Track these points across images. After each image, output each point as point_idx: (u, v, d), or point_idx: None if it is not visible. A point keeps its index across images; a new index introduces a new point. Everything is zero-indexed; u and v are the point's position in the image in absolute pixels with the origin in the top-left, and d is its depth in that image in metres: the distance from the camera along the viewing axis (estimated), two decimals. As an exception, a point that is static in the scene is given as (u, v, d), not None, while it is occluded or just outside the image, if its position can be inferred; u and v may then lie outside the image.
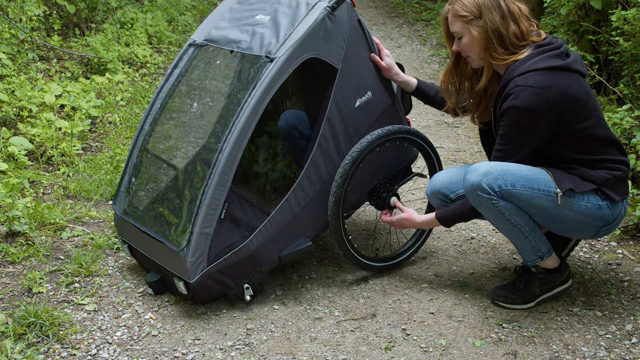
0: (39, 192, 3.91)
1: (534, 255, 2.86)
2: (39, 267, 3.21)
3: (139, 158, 3.16)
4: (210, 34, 3.17)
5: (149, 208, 3.06)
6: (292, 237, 2.98)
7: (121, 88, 5.53)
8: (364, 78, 3.06)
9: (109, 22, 6.62)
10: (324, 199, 3.02)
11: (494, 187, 2.68)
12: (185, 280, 2.80)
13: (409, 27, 7.78)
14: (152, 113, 3.20)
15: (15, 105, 4.54)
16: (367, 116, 3.09)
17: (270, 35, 2.93)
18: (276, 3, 3.09)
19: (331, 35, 2.92)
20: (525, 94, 2.59)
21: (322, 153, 2.98)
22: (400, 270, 3.24)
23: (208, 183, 2.75)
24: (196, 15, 8.17)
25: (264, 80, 2.80)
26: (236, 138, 2.76)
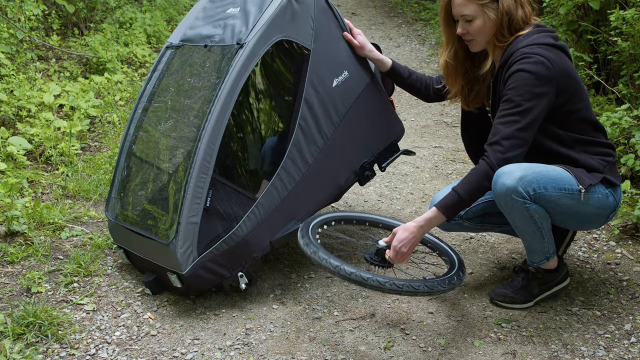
0: (38, 191, 3.91)
1: (542, 257, 2.85)
2: (38, 267, 3.20)
3: (126, 163, 3.18)
4: (185, 34, 3.20)
5: (138, 209, 3.07)
6: (282, 222, 2.99)
7: (120, 88, 5.52)
8: (338, 57, 3.09)
9: (108, 22, 6.62)
10: (311, 182, 3.03)
11: (529, 191, 2.64)
12: (178, 273, 2.81)
13: (408, 26, 7.78)
14: (136, 118, 3.22)
15: (14, 105, 4.54)
16: (346, 95, 3.11)
17: (241, 25, 2.96)
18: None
19: (298, 16, 2.95)
20: (532, 60, 2.61)
21: (303, 135, 3.00)
22: (397, 272, 3.23)
23: (190, 172, 2.78)
24: (195, 15, 8.17)
25: (235, 66, 2.83)
26: (213, 125, 2.79)
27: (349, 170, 3.21)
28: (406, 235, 2.66)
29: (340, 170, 3.16)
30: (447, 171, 4.30)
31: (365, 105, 3.17)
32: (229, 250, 2.87)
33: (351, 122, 3.13)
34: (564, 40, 5.21)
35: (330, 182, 3.15)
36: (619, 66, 4.70)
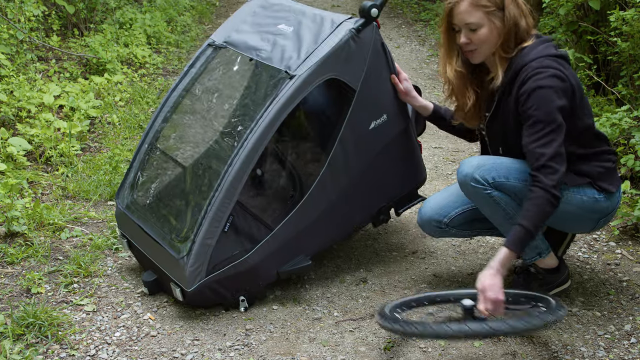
0: (38, 192, 3.91)
1: (533, 252, 2.86)
2: (38, 268, 3.20)
3: (147, 154, 3.13)
4: (230, 37, 3.13)
5: (152, 208, 3.04)
6: (292, 254, 2.95)
7: (120, 88, 5.52)
8: (380, 100, 3.01)
9: (108, 23, 6.62)
10: (328, 219, 2.99)
11: (487, 178, 2.67)
12: (182, 287, 2.80)
13: (408, 27, 7.78)
14: (164, 111, 3.15)
15: (14, 106, 4.54)
16: (379, 139, 3.04)
17: (292, 49, 2.89)
18: (300, 15, 3.05)
19: (354, 57, 2.87)
20: (547, 74, 2.56)
21: (331, 173, 2.94)
22: (399, 270, 3.24)
23: (215, 195, 2.72)
24: (195, 15, 8.17)
25: (281, 97, 2.76)
26: (248, 152, 2.73)
27: (366, 213, 3.16)
28: (494, 282, 2.48)
29: (358, 212, 3.11)
30: (447, 172, 4.30)
31: (395, 150, 3.10)
32: (236, 275, 2.83)
33: (378, 166, 3.07)
34: (564, 42, 5.21)
35: (346, 222, 3.10)
36: (618, 67, 4.70)
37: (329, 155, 2.92)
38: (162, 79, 5.99)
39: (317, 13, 3.04)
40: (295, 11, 3.10)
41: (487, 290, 2.48)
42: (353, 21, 2.88)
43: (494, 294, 2.47)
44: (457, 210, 2.95)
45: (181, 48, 6.96)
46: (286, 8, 3.16)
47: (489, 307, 2.48)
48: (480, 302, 2.49)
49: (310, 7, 3.14)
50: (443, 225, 2.97)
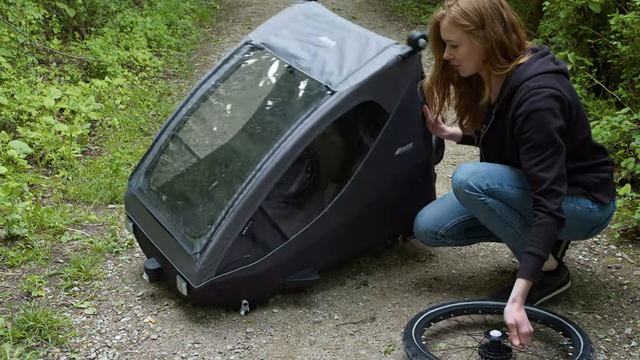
0: (39, 195, 3.91)
1: None
2: (38, 271, 3.20)
3: (167, 142, 3.12)
4: (269, 39, 3.12)
5: (167, 197, 3.01)
6: (300, 265, 2.95)
7: (120, 92, 5.53)
8: (410, 128, 3.01)
9: (109, 26, 6.62)
10: (341, 236, 3.00)
11: (481, 185, 2.68)
12: (188, 283, 2.79)
13: (408, 30, 7.78)
14: (192, 101, 3.14)
15: (15, 109, 4.54)
16: (402, 166, 3.04)
17: (333, 64, 2.88)
18: (344, 30, 3.05)
19: (394, 83, 2.87)
20: (544, 95, 2.53)
21: (351, 193, 2.94)
22: (399, 273, 3.23)
23: (239, 198, 2.71)
24: (195, 19, 8.18)
25: (320, 111, 2.75)
26: (278, 162, 2.72)
27: (376, 235, 3.17)
28: (523, 315, 2.50)
29: (369, 233, 3.12)
30: (447, 175, 4.30)
31: (413, 179, 3.11)
32: (244, 278, 2.81)
33: (395, 192, 3.07)
34: (564, 45, 5.21)
35: (356, 242, 3.11)
36: (619, 70, 4.70)
37: (353, 175, 2.93)
38: (162, 82, 5.99)
39: (362, 32, 3.05)
40: (339, 26, 3.10)
41: (521, 325, 2.48)
42: (399, 48, 2.88)
43: (527, 327, 2.48)
44: (452, 221, 2.95)
45: (182, 51, 6.96)
46: (329, 20, 3.15)
47: (525, 341, 2.49)
48: (514, 336, 2.48)
49: (354, 24, 3.14)
50: (439, 236, 2.98)
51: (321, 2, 3.42)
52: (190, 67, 6.56)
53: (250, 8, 9.01)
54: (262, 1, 9.37)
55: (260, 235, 2.83)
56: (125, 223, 3.19)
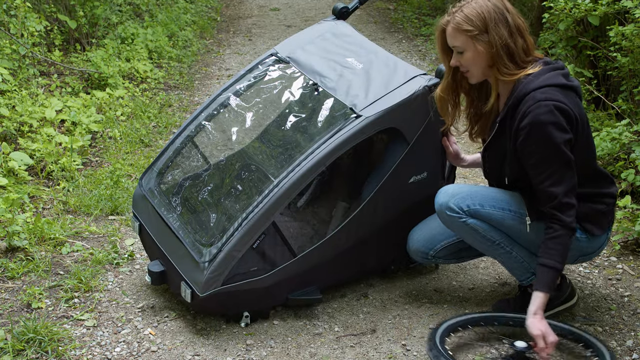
0: (39, 207, 3.91)
1: (527, 273, 2.83)
2: (39, 283, 3.20)
3: (183, 146, 3.11)
4: (294, 53, 3.13)
5: (178, 201, 3.01)
6: (305, 283, 2.95)
7: (121, 103, 5.54)
8: (426, 158, 3.02)
9: (110, 38, 6.65)
10: (347, 257, 3.00)
11: (462, 206, 2.69)
12: (193, 290, 2.78)
13: (408, 42, 7.81)
14: (211, 107, 3.14)
15: (16, 121, 4.55)
16: (414, 194, 3.04)
17: (359, 87, 2.89)
18: (372, 54, 3.06)
19: (418, 112, 2.88)
20: (549, 109, 2.49)
21: (363, 216, 2.95)
22: (400, 285, 3.23)
23: (254, 211, 2.71)
24: (196, 30, 8.21)
25: (344, 133, 2.76)
26: (297, 179, 2.73)
27: (381, 260, 3.17)
28: (546, 326, 2.51)
29: (374, 257, 3.13)
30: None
31: (423, 208, 3.09)
32: (249, 291, 2.81)
33: (405, 219, 3.07)
34: (564, 57, 5.23)
35: (361, 264, 3.11)
36: (618, 81, 4.72)
37: (367, 199, 2.94)
38: (163, 94, 6.01)
39: (390, 57, 3.05)
40: (367, 48, 3.11)
41: (547, 335, 2.49)
42: (427, 78, 2.89)
43: (553, 337, 2.49)
44: (442, 243, 2.95)
45: (182, 63, 6.98)
46: (358, 42, 3.16)
47: (552, 351, 2.50)
48: (542, 347, 2.48)
49: (381, 49, 3.14)
50: (429, 257, 2.99)
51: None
52: (191, 78, 6.58)
53: (251, 20, 9.04)
54: (263, 13, 9.41)
55: (270, 249, 2.83)
56: (131, 222, 3.17)
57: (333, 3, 9.63)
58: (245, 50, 7.59)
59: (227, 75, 6.72)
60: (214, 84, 6.46)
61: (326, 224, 3.16)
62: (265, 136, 3.12)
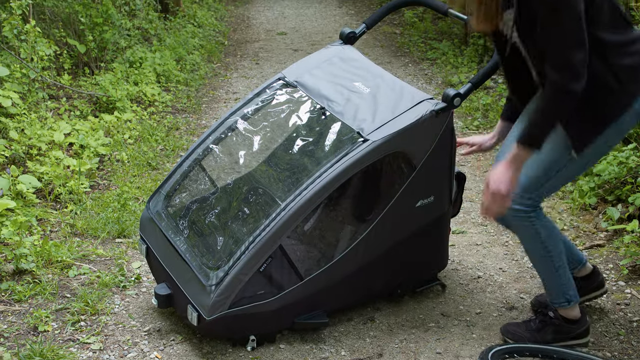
0: (47, 230, 3.92)
1: (561, 297, 2.82)
2: (45, 306, 3.20)
3: (190, 169, 3.13)
4: (302, 77, 3.16)
5: (185, 224, 3.02)
6: (312, 307, 2.94)
7: (129, 126, 5.58)
8: (433, 182, 3.03)
9: (118, 62, 6.71)
10: (352, 281, 3.00)
11: (524, 200, 2.62)
12: (200, 313, 2.77)
13: (415, 66, 7.85)
14: (219, 130, 3.16)
15: (25, 144, 4.58)
16: (420, 218, 3.05)
17: (366, 111, 2.91)
18: (379, 78, 3.08)
19: (425, 137, 2.90)
20: None
21: (369, 240, 2.95)
22: (406, 309, 3.22)
23: (261, 234, 2.71)
24: (204, 54, 8.28)
25: (351, 158, 2.77)
26: (304, 203, 2.73)
27: (387, 284, 3.16)
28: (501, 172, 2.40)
29: (380, 281, 3.12)
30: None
31: (429, 232, 3.12)
32: (255, 314, 2.80)
33: (411, 243, 3.08)
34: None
35: (367, 288, 3.10)
36: (625, 105, 4.72)
37: (373, 223, 2.94)
38: (171, 117, 6.05)
39: (397, 82, 3.07)
40: (374, 73, 3.13)
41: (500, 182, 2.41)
42: (433, 103, 2.90)
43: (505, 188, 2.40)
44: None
45: (190, 86, 7.03)
46: (365, 66, 3.18)
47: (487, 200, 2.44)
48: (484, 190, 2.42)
49: (388, 73, 3.17)
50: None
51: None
52: (198, 102, 6.62)
53: (258, 44, 9.11)
54: (270, 37, 9.49)
55: (276, 273, 2.83)
56: (138, 245, 3.18)
57: (340, 27, 9.70)
58: (253, 73, 7.64)
59: (234, 98, 6.76)
60: (221, 107, 6.49)
61: (333, 247, 3.16)
62: (272, 160, 3.13)
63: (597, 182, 4.15)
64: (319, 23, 10.32)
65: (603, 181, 4.12)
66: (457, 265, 3.63)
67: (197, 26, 9.41)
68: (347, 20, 10.45)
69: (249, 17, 10.90)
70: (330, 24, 10.24)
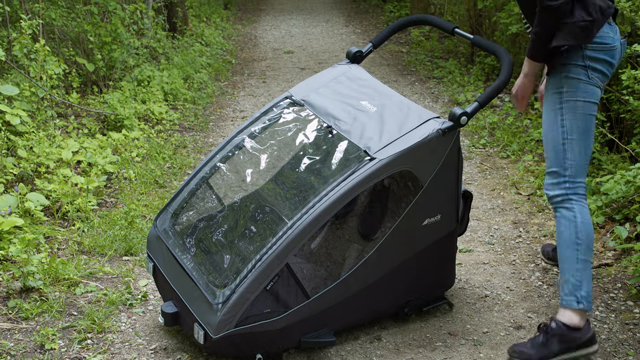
0: (54, 247, 3.93)
1: (572, 296, 2.84)
2: (52, 323, 3.21)
3: (197, 187, 3.15)
4: (309, 96, 3.18)
5: (192, 243, 3.03)
6: (319, 326, 2.94)
7: (137, 144, 5.60)
8: (440, 200, 3.04)
9: (127, 80, 6.75)
10: (359, 300, 2.99)
11: (557, 190, 2.91)
12: (206, 332, 2.77)
13: (421, 84, 7.88)
14: (226, 149, 3.18)
15: (33, 162, 4.61)
16: (428, 236, 3.06)
17: (373, 130, 2.93)
18: (386, 97, 3.10)
19: (431, 155, 2.91)
20: None
21: (376, 258, 2.96)
22: (413, 328, 3.21)
23: (268, 252, 2.72)
24: (211, 73, 8.33)
25: (358, 176, 2.78)
26: (311, 221, 2.74)
27: (394, 303, 3.16)
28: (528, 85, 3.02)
29: (388, 300, 3.12)
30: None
31: (436, 250, 3.13)
32: (262, 333, 2.80)
33: (418, 262, 3.08)
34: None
35: (374, 307, 3.10)
36: (632, 124, 4.73)
37: (380, 241, 2.94)
38: (178, 135, 6.07)
39: (404, 101, 3.09)
40: (381, 92, 3.15)
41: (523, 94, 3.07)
42: (440, 122, 2.92)
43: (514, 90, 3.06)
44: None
45: (197, 104, 7.07)
46: (371, 85, 3.21)
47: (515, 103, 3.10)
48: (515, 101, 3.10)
49: (395, 92, 3.19)
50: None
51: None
52: (205, 120, 6.65)
53: (265, 62, 9.16)
54: (277, 56, 9.54)
55: (283, 291, 2.82)
56: (145, 263, 3.18)
57: (347, 46, 9.76)
58: (260, 92, 7.68)
59: (241, 117, 6.79)
60: (229, 125, 6.52)
61: (340, 265, 3.15)
62: (279, 178, 3.14)
63: (605, 200, 4.14)
64: (325, 42, 10.38)
65: (610, 200, 4.12)
66: (464, 284, 3.62)
67: (204, 45, 9.47)
68: (353, 39, 10.51)
69: (256, 36, 10.97)
70: (337, 42, 10.30)
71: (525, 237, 4.15)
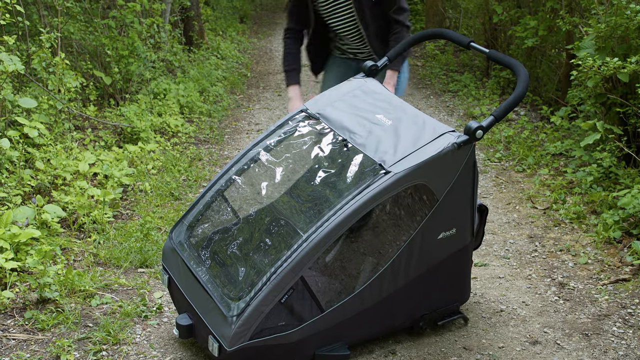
0: (70, 259, 3.96)
1: None
2: (68, 335, 3.22)
3: (213, 200, 3.16)
4: (324, 110, 3.20)
5: (207, 255, 3.03)
6: (333, 339, 2.93)
7: (153, 157, 5.64)
8: (455, 214, 3.04)
9: (143, 93, 6.81)
10: (374, 313, 2.99)
11: None
12: (221, 344, 2.77)
13: (436, 98, 7.88)
14: (241, 162, 3.19)
15: (51, 174, 4.65)
16: (443, 250, 3.06)
17: (388, 144, 2.93)
18: (401, 111, 3.11)
19: (447, 169, 2.91)
20: None
21: (391, 271, 2.96)
22: (428, 342, 3.19)
23: (283, 265, 2.72)
24: (227, 86, 8.38)
25: (373, 189, 2.78)
26: (326, 234, 2.74)
27: (410, 316, 3.16)
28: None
29: (403, 313, 3.12)
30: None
31: (452, 264, 3.12)
32: (276, 346, 2.79)
33: (434, 275, 3.08)
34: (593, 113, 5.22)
35: (389, 320, 3.10)
36: (649, 138, 4.69)
37: (395, 255, 2.94)
38: (193, 148, 6.11)
39: (419, 115, 3.10)
40: (396, 106, 3.16)
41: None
42: (455, 135, 2.92)
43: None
44: None
45: (213, 117, 7.11)
46: (387, 99, 3.22)
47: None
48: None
49: (410, 106, 3.20)
50: None
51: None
52: (221, 133, 6.68)
53: (280, 76, 9.19)
54: (292, 69, 9.57)
55: (297, 304, 2.82)
56: (160, 275, 3.19)
57: (361, 59, 9.77)
58: (275, 105, 7.71)
59: (256, 129, 6.81)
60: (244, 138, 6.54)
61: (354, 279, 3.15)
62: (294, 191, 3.14)
63: (622, 215, 4.11)
64: (340, 55, 10.40)
65: (628, 215, 4.09)
66: (479, 298, 3.60)
67: (220, 58, 9.54)
68: (368, 53, 10.51)
69: (271, 50, 11.03)
70: (352, 56, 10.31)
71: (541, 252, 4.13)
